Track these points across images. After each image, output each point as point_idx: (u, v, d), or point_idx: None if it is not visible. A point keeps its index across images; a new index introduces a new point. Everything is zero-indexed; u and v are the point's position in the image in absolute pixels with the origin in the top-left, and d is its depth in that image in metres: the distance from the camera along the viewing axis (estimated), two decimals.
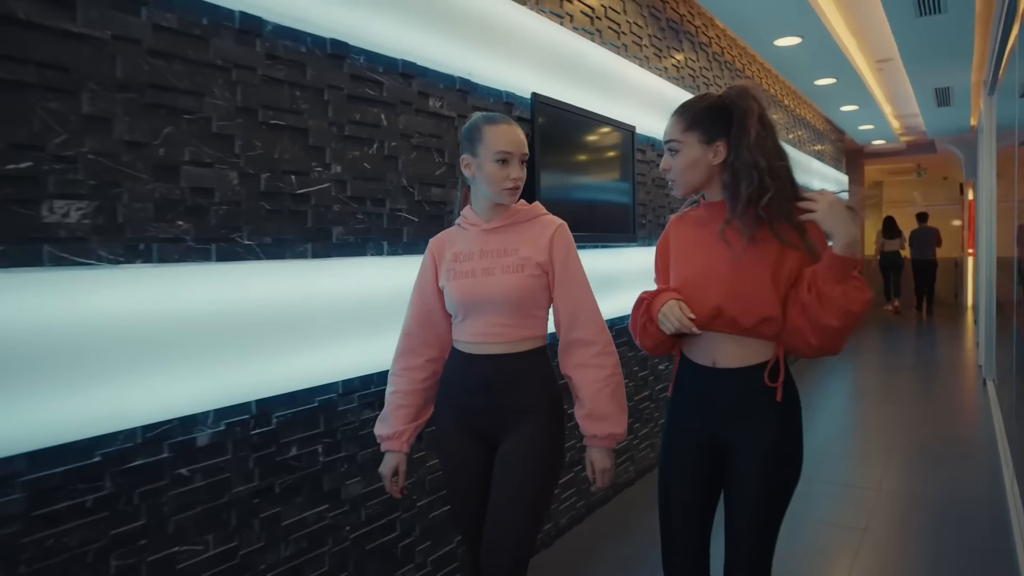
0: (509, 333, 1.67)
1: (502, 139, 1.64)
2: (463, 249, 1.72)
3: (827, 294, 1.43)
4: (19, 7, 1.32)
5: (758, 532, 1.55)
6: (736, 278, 1.52)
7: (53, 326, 1.36)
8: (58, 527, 1.40)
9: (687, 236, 1.64)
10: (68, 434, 1.40)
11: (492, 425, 1.69)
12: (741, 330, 1.53)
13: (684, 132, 1.57)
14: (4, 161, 1.31)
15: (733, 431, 1.57)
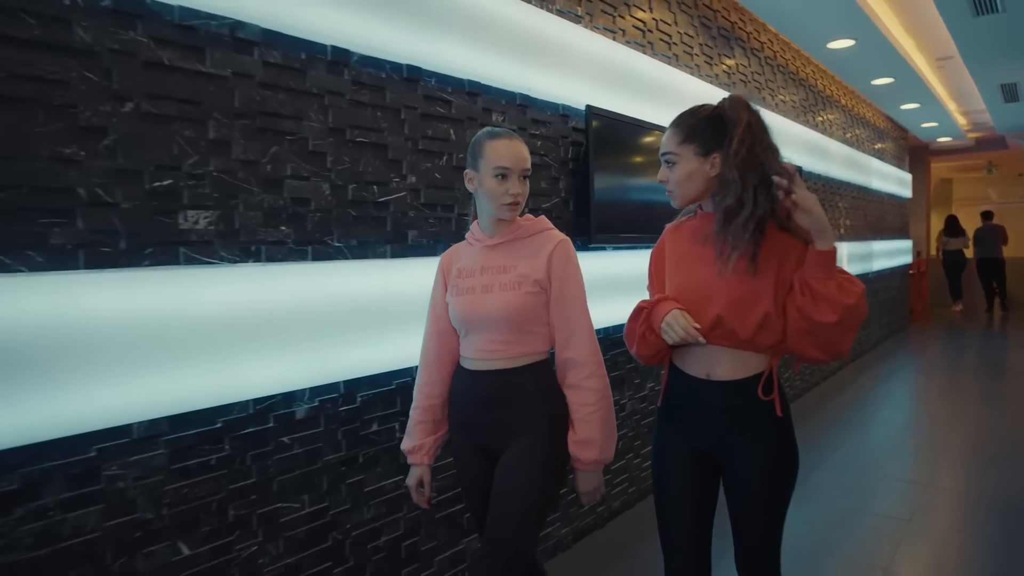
0: (508, 350, 1.66)
1: (501, 154, 1.63)
2: (466, 265, 1.73)
3: (820, 291, 1.44)
4: (164, 54, 1.62)
5: (766, 545, 1.58)
6: (733, 288, 1.51)
7: (186, 314, 1.65)
8: (190, 479, 1.70)
9: (683, 246, 1.64)
10: (197, 403, 1.70)
11: (494, 439, 1.69)
12: (738, 342, 1.53)
13: (680, 144, 1.57)
14: (152, 180, 1.61)
15: (729, 445, 1.57)
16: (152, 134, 1.61)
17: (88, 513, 1.52)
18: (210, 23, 1.71)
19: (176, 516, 1.67)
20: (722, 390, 1.57)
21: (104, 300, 1.51)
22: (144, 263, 1.60)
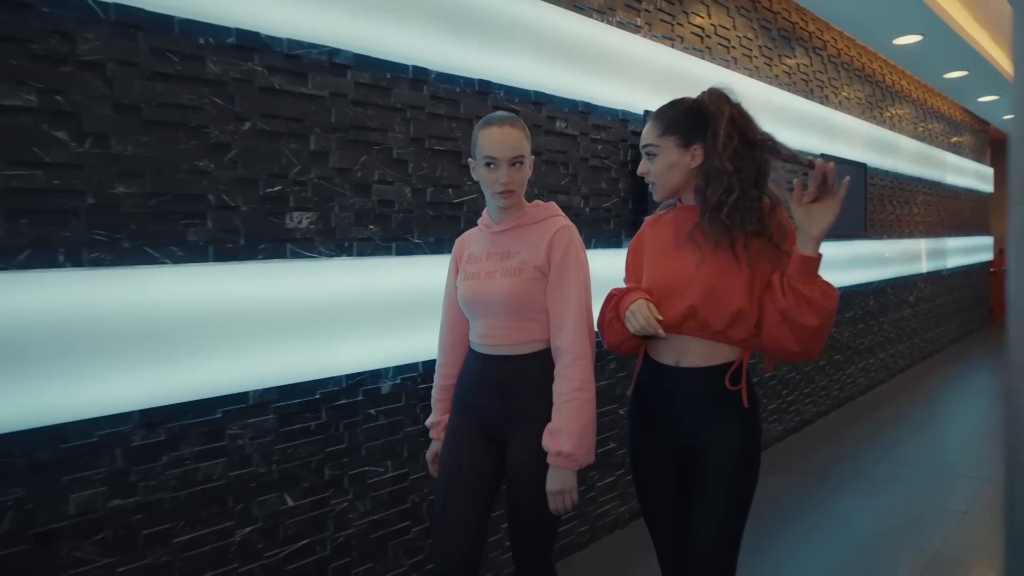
0: (511, 335, 1.66)
1: (488, 142, 1.62)
2: (475, 251, 1.76)
3: (806, 295, 1.44)
4: (275, 80, 1.92)
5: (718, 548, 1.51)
6: (710, 280, 1.52)
7: (291, 301, 1.95)
8: (294, 441, 2.00)
9: (662, 238, 1.64)
10: (300, 377, 1.99)
11: (500, 427, 1.68)
12: (710, 333, 1.54)
13: (660, 136, 1.57)
14: (265, 187, 1.91)
15: (696, 432, 1.57)
16: (265, 148, 1.91)
17: (215, 464, 1.83)
18: (311, 51, 2.00)
19: (282, 471, 1.97)
20: (690, 376, 1.57)
21: (228, 288, 1.82)
22: (258, 257, 1.90)
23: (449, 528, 1.65)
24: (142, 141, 1.68)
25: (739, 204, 1.48)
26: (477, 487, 1.68)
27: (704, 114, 1.54)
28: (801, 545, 2.96)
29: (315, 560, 2.04)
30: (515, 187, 1.65)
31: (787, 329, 1.47)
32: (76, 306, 1.56)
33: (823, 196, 1.44)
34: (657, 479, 1.63)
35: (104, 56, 1.61)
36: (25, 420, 1.49)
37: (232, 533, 1.86)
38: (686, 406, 1.58)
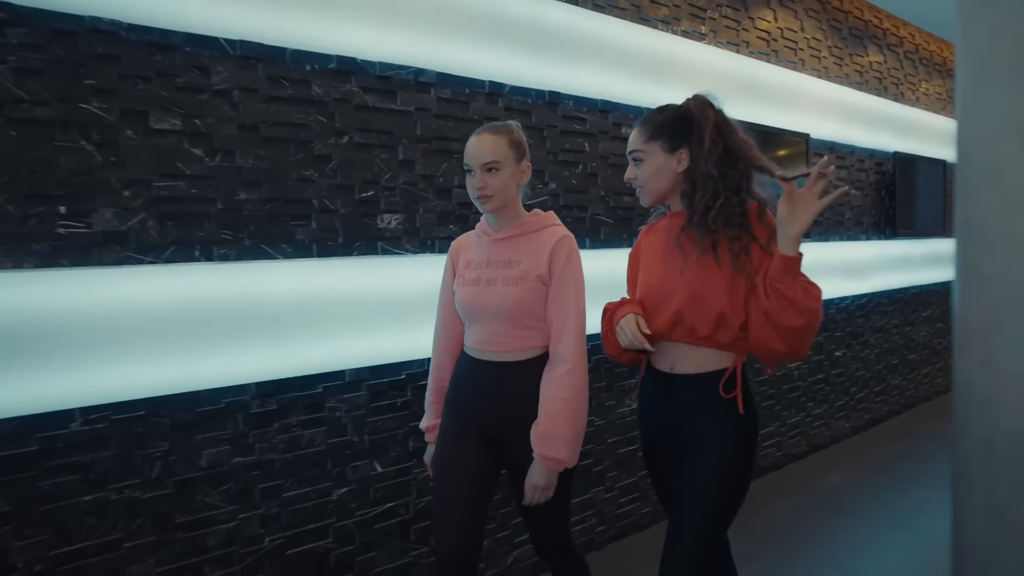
0: (509, 342, 1.68)
1: (467, 151, 1.70)
2: (474, 257, 1.77)
3: (788, 296, 1.42)
4: (369, 98, 2.20)
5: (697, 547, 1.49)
6: (693, 285, 1.54)
7: (381, 291, 2.22)
8: (382, 415, 2.27)
9: (654, 246, 1.67)
10: (388, 358, 2.26)
11: (496, 427, 1.71)
12: (698, 339, 1.55)
13: (647, 142, 1.59)
14: (359, 192, 2.19)
15: (689, 436, 1.58)
16: (360, 158, 2.19)
17: (316, 432, 2.12)
18: (400, 72, 2.27)
19: (372, 441, 2.25)
20: (684, 383, 1.59)
21: (328, 280, 2.10)
22: (354, 253, 2.19)
23: (445, 525, 1.67)
24: (260, 155, 1.98)
25: (724, 208, 1.50)
26: (472, 484, 1.69)
27: (689, 120, 1.56)
28: (867, 540, 3.04)
29: (400, 521, 2.32)
30: (490, 192, 1.67)
31: (772, 330, 1.46)
32: (208, 293, 1.87)
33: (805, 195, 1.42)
34: (668, 478, 1.66)
35: (231, 84, 1.92)
36: (171, 386, 1.82)
37: (330, 492, 2.16)
38: (683, 412, 1.59)
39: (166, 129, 1.82)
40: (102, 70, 1.74)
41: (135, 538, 1.81)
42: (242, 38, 1.93)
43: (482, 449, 1.71)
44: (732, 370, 1.56)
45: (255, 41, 1.95)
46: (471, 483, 1.69)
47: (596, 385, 2.88)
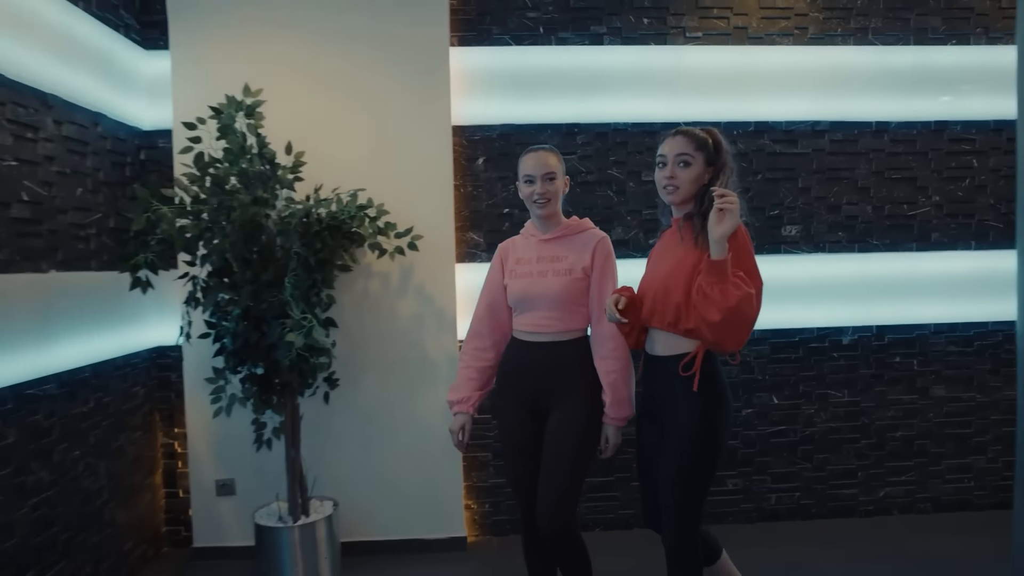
0: (556, 324, 2.06)
1: (526, 165, 2.08)
2: (523, 255, 2.14)
3: (708, 294, 1.69)
4: (776, 147, 3.23)
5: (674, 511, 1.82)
6: (664, 280, 1.86)
7: (783, 280, 3.23)
8: (780, 364, 3.29)
9: (658, 250, 2.02)
10: (789, 324, 3.26)
11: (543, 398, 2.08)
12: (667, 325, 1.85)
13: (696, 151, 1.86)
14: (768, 211, 3.24)
15: (660, 409, 1.90)
16: (769, 189, 3.24)
17: (735, 372, 3.25)
18: (800, 126, 3.24)
19: (771, 381, 3.28)
20: (656, 364, 1.91)
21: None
22: (762, 252, 3.25)
23: (521, 483, 2.11)
24: None
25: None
26: (536, 449, 2.09)
27: (719, 148, 1.89)
28: None
29: (788, 441, 3.30)
30: (549, 196, 2.06)
31: (700, 323, 1.74)
32: None
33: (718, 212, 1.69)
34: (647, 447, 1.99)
35: None
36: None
37: (741, 411, 3.27)
38: (658, 387, 1.92)
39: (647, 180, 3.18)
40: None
41: None
42: (695, 119, 3.17)
43: (532, 420, 2.10)
44: (694, 354, 1.82)
45: (704, 120, 3.17)
46: (536, 449, 2.09)
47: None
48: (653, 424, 1.94)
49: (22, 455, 2.18)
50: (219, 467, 3.04)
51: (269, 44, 2.97)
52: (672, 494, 1.83)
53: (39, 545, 2.25)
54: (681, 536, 1.85)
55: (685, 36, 3.19)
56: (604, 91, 3.15)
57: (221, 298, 2.56)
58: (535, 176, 2.05)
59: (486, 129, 3.15)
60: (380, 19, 2.99)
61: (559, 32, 3.15)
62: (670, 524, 1.85)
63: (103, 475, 2.64)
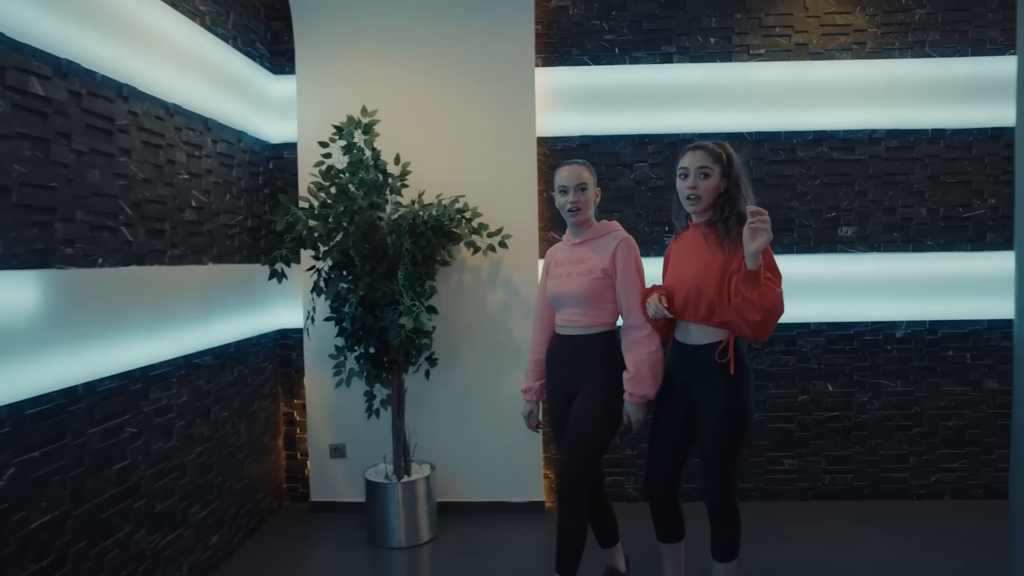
0: (582, 320, 2.31)
1: (561, 176, 2.32)
2: (561, 259, 2.41)
3: (747, 298, 1.96)
4: (835, 154, 3.50)
5: (716, 473, 2.14)
6: (695, 280, 2.12)
7: (839, 276, 3.49)
8: (835, 355, 3.56)
9: (679, 250, 2.28)
10: (841, 318, 3.53)
11: (573, 384, 2.35)
12: (700, 318, 2.13)
13: (713, 164, 2.14)
14: (826, 213, 3.50)
15: (697, 390, 2.17)
16: (827, 192, 3.51)
17: (791, 358, 3.54)
18: (857, 134, 3.49)
19: (827, 370, 3.55)
20: (692, 351, 2.17)
21: (809, 268, 3.49)
22: (820, 251, 3.51)
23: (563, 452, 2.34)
24: (765, 196, 3.49)
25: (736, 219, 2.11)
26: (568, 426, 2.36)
27: (731, 160, 2.16)
28: None
29: (842, 426, 3.57)
30: (580, 205, 2.30)
31: (740, 321, 2.01)
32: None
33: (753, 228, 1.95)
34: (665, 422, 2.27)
35: (753, 162, 3.48)
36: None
37: (796, 397, 3.55)
38: (692, 372, 2.19)
39: None
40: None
41: None
42: (757, 129, 3.47)
43: (565, 404, 2.39)
44: (725, 343, 2.12)
45: (765, 131, 3.47)
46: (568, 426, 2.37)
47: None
48: (680, 404, 2.22)
49: (191, 412, 2.71)
50: (332, 433, 3.54)
51: (379, 69, 3.44)
52: (715, 464, 2.14)
53: (201, 485, 2.77)
54: (726, 495, 2.18)
55: (749, 53, 3.49)
56: (672, 105, 3.49)
57: (341, 288, 3.04)
58: (568, 187, 2.30)
59: (566, 140, 3.54)
60: (474, 45, 3.42)
61: (632, 52, 3.51)
62: (714, 488, 2.17)
63: (243, 434, 3.17)
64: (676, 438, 2.25)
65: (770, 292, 1.96)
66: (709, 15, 3.49)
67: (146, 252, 2.44)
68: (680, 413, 2.24)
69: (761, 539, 3.07)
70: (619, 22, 3.51)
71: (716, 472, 2.15)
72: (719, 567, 2.24)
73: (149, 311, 2.43)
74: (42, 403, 1.91)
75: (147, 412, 2.41)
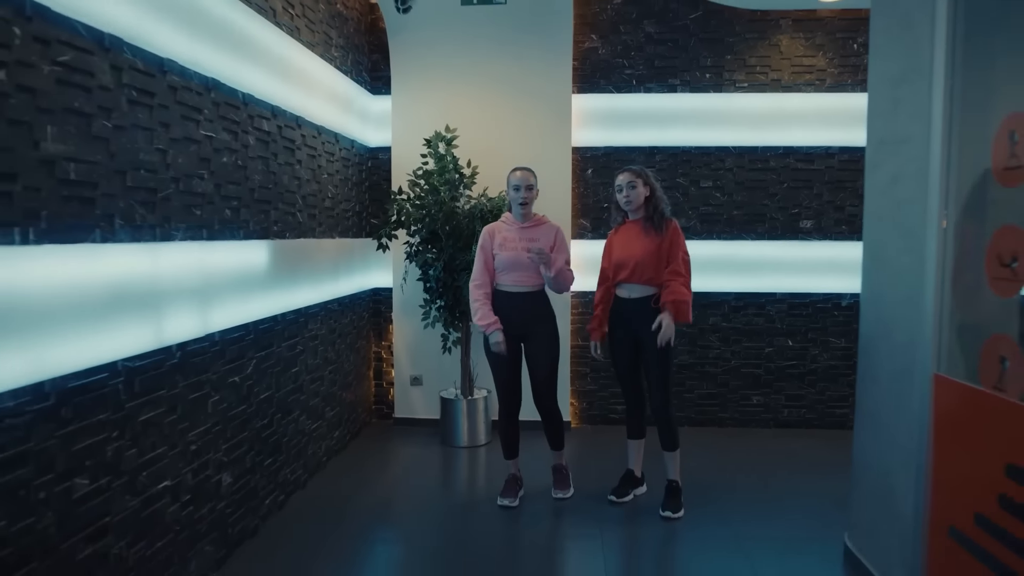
0: (529, 281, 3.26)
1: (513, 177, 3.26)
2: (510, 236, 3.27)
3: (679, 296, 3.10)
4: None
5: (661, 380, 3.18)
6: (639, 258, 3.15)
7: (798, 258, 4.59)
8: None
9: (620, 238, 3.28)
10: (812, 289, 4.63)
11: (523, 328, 3.29)
12: (643, 281, 3.17)
13: (637, 179, 3.20)
14: (792, 210, 4.59)
15: (639, 329, 3.18)
16: (792, 194, 4.59)
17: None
18: (816, 150, 4.55)
19: (787, 328, 4.66)
20: (635, 303, 3.22)
21: (768, 251, 4.59)
22: (786, 239, 4.60)
23: (505, 385, 3.37)
24: (744, 196, 4.57)
25: (661, 215, 3.23)
26: (517, 361, 3.36)
27: (648, 176, 3.26)
28: None
29: (799, 372, 4.68)
30: (528, 200, 3.27)
31: (680, 298, 3.13)
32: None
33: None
34: (620, 359, 3.33)
35: (735, 169, 4.56)
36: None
37: (763, 348, 4.66)
38: (633, 318, 3.23)
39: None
40: None
41: None
42: (740, 144, 4.56)
43: (512, 342, 3.31)
44: (656, 296, 3.19)
45: (746, 146, 4.56)
46: (518, 363, 3.39)
47: None
48: (629, 343, 3.26)
49: (327, 342, 3.89)
50: (412, 366, 4.72)
51: (454, 92, 4.56)
52: (659, 379, 3.18)
53: (329, 395, 3.96)
54: (668, 403, 3.22)
55: (735, 86, 4.57)
56: (675, 124, 4.58)
57: (428, 256, 4.19)
58: (520, 186, 3.27)
59: (594, 150, 4.65)
60: (526, 76, 4.52)
61: (646, 84, 4.60)
62: (659, 398, 3.21)
63: (351, 362, 4.36)
64: (634, 366, 3.32)
65: (685, 295, 3.17)
66: (705, 56, 4.57)
67: (307, 229, 3.61)
68: (630, 349, 3.28)
69: (732, 456, 4.22)
70: (636, 60, 4.60)
71: (661, 386, 3.19)
72: (668, 455, 3.33)
73: (309, 270, 3.61)
74: (264, 324, 3.09)
75: (307, 337, 3.60)
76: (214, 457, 2.64)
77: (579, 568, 2.94)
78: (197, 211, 2.51)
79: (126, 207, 2.09)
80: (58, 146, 1.81)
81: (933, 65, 2.23)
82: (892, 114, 2.55)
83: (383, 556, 3.03)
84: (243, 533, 2.89)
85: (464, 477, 3.98)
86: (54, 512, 1.80)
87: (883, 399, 2.60)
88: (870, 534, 2.68)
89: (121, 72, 2.06)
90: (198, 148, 2.51)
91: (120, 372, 2.06)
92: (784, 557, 2.90)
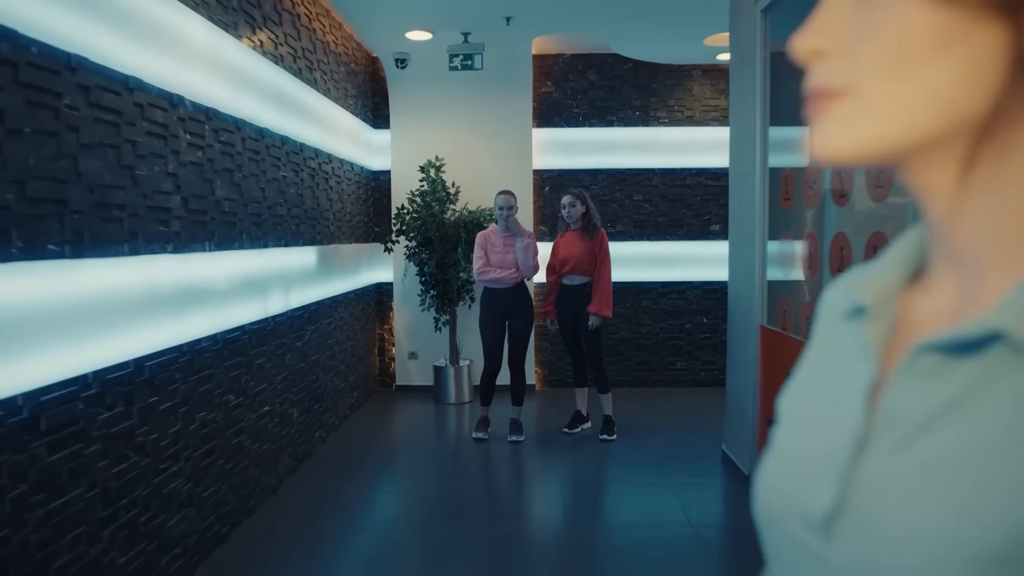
0: (513, 276, 4.37)
1: (499, 199, 4.38)
2: (497, 242, 4.40)
3: (603, 290, 4.37)
4: None
5: (593, 351, 4.47)
6: (579, 255, 4.36)
7: (704, 255, 5.93)
8: None
9: (564, 241, 4.46)
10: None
11: (508, 312, 4.44)
12: (581, 272, 4.39)
13: (577, 199, 4.39)
14: (704, 217, 5.93)
15: (578, 310, 4.41)
16: (703, 204, 5.92)
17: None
18: (722, 170, 5.89)
19: (701, 308, 5.99)
20: (575, 289, 4.46)
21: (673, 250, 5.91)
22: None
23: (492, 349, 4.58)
24: (667, 207, 5.90)
25: (594, 227, 4.47)
26: (501, 335, 4.56)
27: (585, 196, 4.50)
28: None
29: (712, 343, 6.02)
30: (510, 216, 4.38)
31: (605, 288, 4.41)
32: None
33: None
34: (565, 330, 4.62)
35: (660, 186, 5.89)
36: None
37: (684, 325, 5.99)
38: (574, 302, 4.47)
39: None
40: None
41: None
42: (663, 167, 5.88)
43: (500, 321, 4.54)
44: (589, 283, 4.45)
45: (668, 167, 5.88)
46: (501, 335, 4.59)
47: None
48: (571, 322, 4.50)
49: (345, 324, 5.10)
50: (410, 343, 5.94)
51: (440, 126, 5.79)
52: (596, 350, 4.49)
53: (344, 369, 5.17)
54: (600, 363, 4.53)
55: (659, 121, 5.89)
56: (613, 151, 5.89)
57: (423, 257, 5.43)
58: (504, 207, 4.40)
59: (550, 171, 5.93)
60: (497, 114, 5.77)
61: (589, 120, 5.90)
62: (594, 360, 4.52)
63: (360, 342, 5.57)
64: (576, 339, 4.59)
65: (607, 288, 4.47)
66: (635, 98, 5.88)
67: (336, 237, 4.82)
68: (572, 322, 4.53)
69: (661, 408, 5.54)
70: (582, 102, 5.89)
71: (594, 352, 4.50)
72: (603, 396, 4.63)
73: (339, 267, 4.82)
74: (313, 306, 4.29)
75: (336, 318, 4.81)
76: (289, 395, 3.85)
77: (541, 475, 4.22)
78: (279, 227, 3.72)
79: (247, 228, 3.31)
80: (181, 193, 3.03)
81: (756, 132, 3.56)
82: (738, 159, 3.89)
83: (398, 472, 4.29)
84: (304, 453, 4.10)
85: (453, 424, 5.24)
86: (223, 413, 3.02)
87: (739, 348, 3.92)
88: (733, 437, 4.01)
89: (245, 141, 3.27)
90: (278, 184, 3.72)
91: (246, 332, 3.27)
92: (685, 462, 4.21)
